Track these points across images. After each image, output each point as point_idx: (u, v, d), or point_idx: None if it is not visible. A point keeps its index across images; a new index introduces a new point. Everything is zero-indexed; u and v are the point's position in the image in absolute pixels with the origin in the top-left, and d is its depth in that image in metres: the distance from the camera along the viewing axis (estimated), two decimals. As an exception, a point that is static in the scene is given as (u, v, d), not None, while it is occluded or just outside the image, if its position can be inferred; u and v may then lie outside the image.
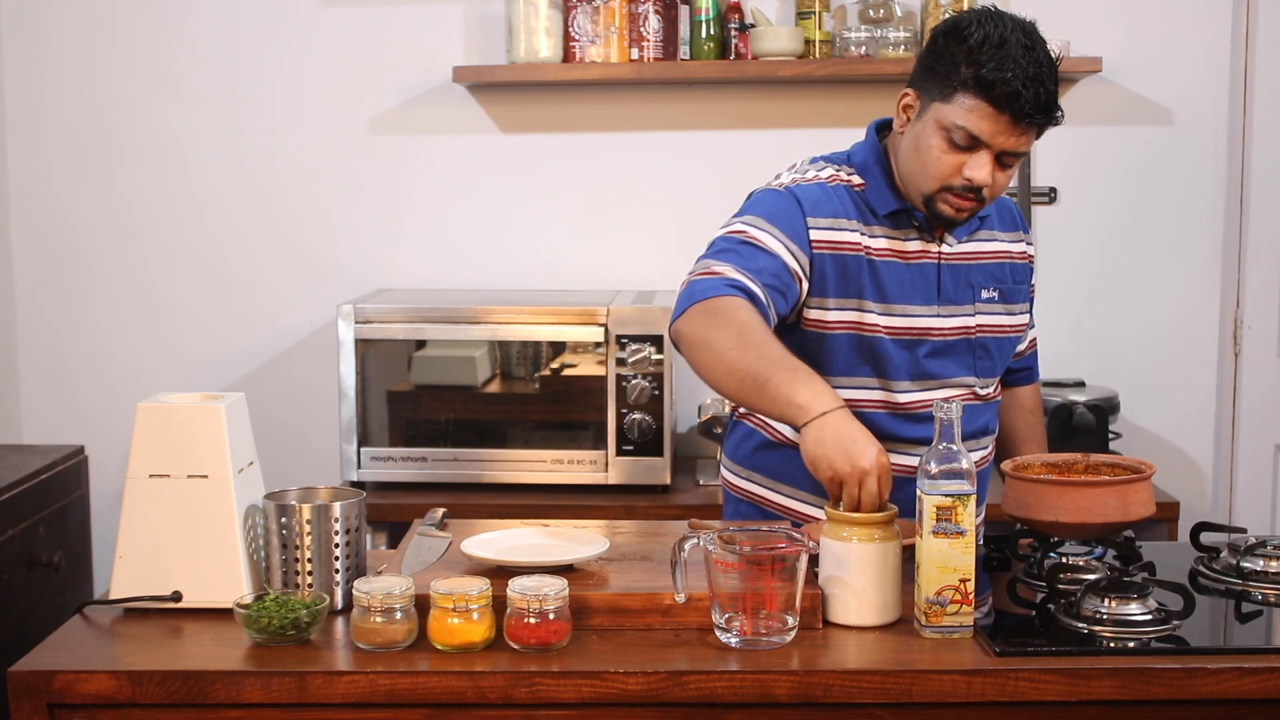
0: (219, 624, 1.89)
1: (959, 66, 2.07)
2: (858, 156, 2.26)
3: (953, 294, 2.24)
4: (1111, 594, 1.86)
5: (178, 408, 1.95)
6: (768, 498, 2.31)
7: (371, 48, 3.58)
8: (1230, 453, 3.57)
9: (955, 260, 2.25)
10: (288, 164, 3.62)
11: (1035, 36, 2.09)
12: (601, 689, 1.73)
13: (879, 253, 2.20)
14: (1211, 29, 3.50)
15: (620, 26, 3.43)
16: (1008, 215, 2.36)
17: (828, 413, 1.91)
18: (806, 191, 2.20)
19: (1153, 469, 2.03)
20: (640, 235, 3.60)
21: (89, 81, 3.61)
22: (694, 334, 2.04)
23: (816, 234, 2.16)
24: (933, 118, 2.11)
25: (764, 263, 2.11)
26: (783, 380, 1.95)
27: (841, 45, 3.44)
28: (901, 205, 2.21)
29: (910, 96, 2.17)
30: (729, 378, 2.00)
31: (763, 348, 1.99)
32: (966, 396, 2.26)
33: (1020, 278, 2.34)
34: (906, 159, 2.17)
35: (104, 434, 3.58)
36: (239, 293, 3.65)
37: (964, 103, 2.07)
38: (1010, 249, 2.33)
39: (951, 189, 2.12)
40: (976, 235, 2.28)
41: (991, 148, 2.09)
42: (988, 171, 2.10)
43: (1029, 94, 2.04)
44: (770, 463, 2.29)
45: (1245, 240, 3.51)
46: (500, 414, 3.30)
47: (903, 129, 2.19)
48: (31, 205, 3.64)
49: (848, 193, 2.22)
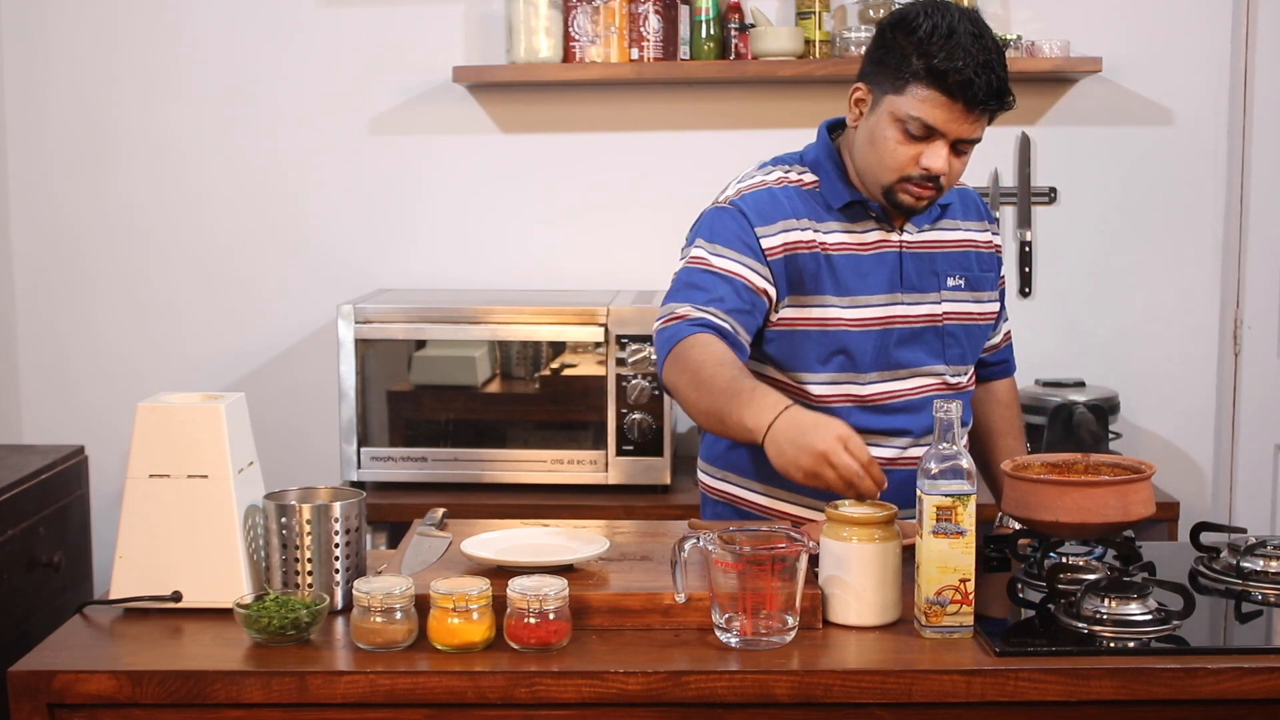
0: (219, 624, 1.89)
1: (909, 58, 2.10)
2: (810, 155, 2.29)
3: (916, 281, 2.25)
4: (1111, 594, 1.86)
5: (178, 408, 1.95)
6: (743, 496, 2.32)
7: (371, 48, 3.58)
8: (1230, 453, 3.57)
9: (917, 248, 2.26)
10: (288, 164, 3.62)
11: (981, 24, 2.12)
12: (601, 689, 1.73)
13: (835, 247, 2.21)
14: (1211, 29, 3.50)
15: (620, 26, 3.43)
16: (971, 205, 2.38)
17: (773, 422, 1.94)
18: (751, 201, 2.22)
19: (1153, 469, 2.03)
20: (640, 235, 3.60)
21: (89, 81, 3.61)
22: (671, 384, 2.12)
23: (767, 241, 2.18)
24: (886, 110, 2.13)
25: (722, 290, 2.14)
26: (730, 410, 2.00)
27: (841, 45, 3.44)
28: (855, 197, 2.23)
29: (861, 91, 2.19)
30: (702, 420, 2.11)
31: (711, 382, 2.04)
32: (938, 386, 2.27)
33: (987, 266, 2.35)
34: (863, 153, 2.19)
35: (104, 434, 3.58)
36: (239, 293, 3.65)
37: (917, 94, 2.10)
38: (975, 238, 2.34)
39: (910, 179, 2.15)
40: (939, 224, 2.30)
41: (947, 136, 2.12)
42: (944, 160, 2.13)
43: (981, 81, 2.07)
44: (743, 461, 2.30)
45: (1245, 240, 3.51)
46: (500, 414, 3.30)
47: (855, 123, 2.21)
48: (31, 205, 3.64)
49: (796, 193, 2.24)
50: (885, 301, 2.23)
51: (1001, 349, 2.50)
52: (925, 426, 2.23)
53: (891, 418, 2.24)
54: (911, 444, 2.26)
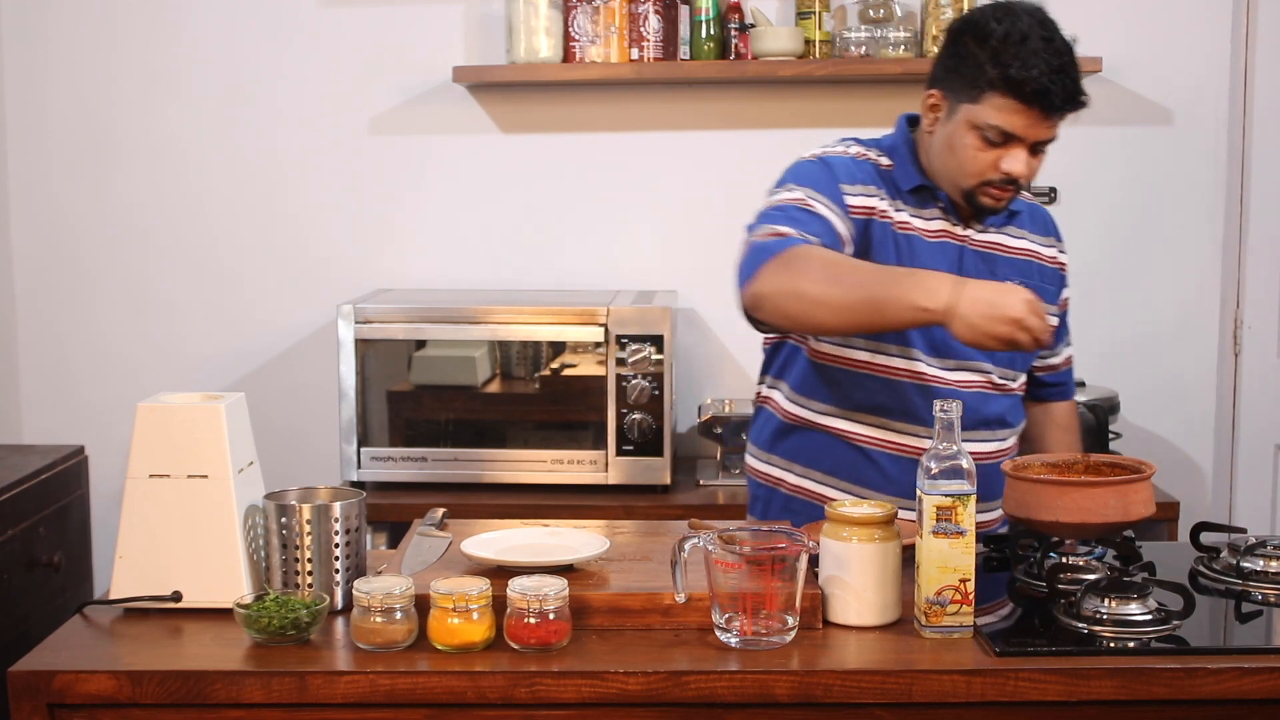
0: (219, 624, 1.89)
1: (984, 67, 2.11)
2: (886, 141, 2.32)
3: (974, 276, 2.25)
4: (1111, 594, 1.86)
5: (178, 408, 1.95)
6: (786, 480, 2.34)
7: (371, 48, 3.58)
8: (1230, 453, 3.57)
9: (980, 247, 2.29)
10: (288, 164, 3.62)
11: (1051, 25, 2.14)
12: (601, 689, 1.73)
13: (901, 225, 2.24)
14: (1211, 29, 3.50)
15: (620, 26, 3.43)
16: (1040, 220, 2.40)
17: (952, 298, 1.92)
18: (837, 161, 2.24)
19: (1153, 469, 2.03)
20: (640, 235, 3.60)
21: (89, 81, 3.61)
22: (778, 288, 2.03)
23: (850, 200, 2.20)
24: (963, 118, 2.15)
25: (817, 227, 2.14)
26: (892, 295, 1.96)
27: (841, 45, 3.44)
28: (925, 183, 2.25)
29: (935, 97, 2.21)
30: (839, 316, 2.01)
31: (855, 273, 2.03)
32: (983, 383, 2.28)
33: (1049, 280, 2.36)
34: (941, 158, 2.21)
35: (104, 434, 3.58)
36: (239, 293, 3.65)
37: (994, 102, 2.11)
38: (1040, 250, 2.36)
39: (991, 183, 2.18)
40: (1005, 229, 2.32)
41: (1025, 140, 2.14)
42: (1024, 163, 2.16)
43: (1057, 87, 2.09)
44: (787, 445, 2.33)
45: (1245, 240, 3.51)
46: (500, 414, 3.30)
47: (931, 128, 2.23)
48: (31, 205, 3.64)
49: (874, 168, 2.26)
50: None
51: (1061, 371, 2.50)
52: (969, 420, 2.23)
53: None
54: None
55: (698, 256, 3.58)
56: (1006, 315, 1.90)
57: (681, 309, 3.57)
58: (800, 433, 2.31)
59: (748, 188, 3.63)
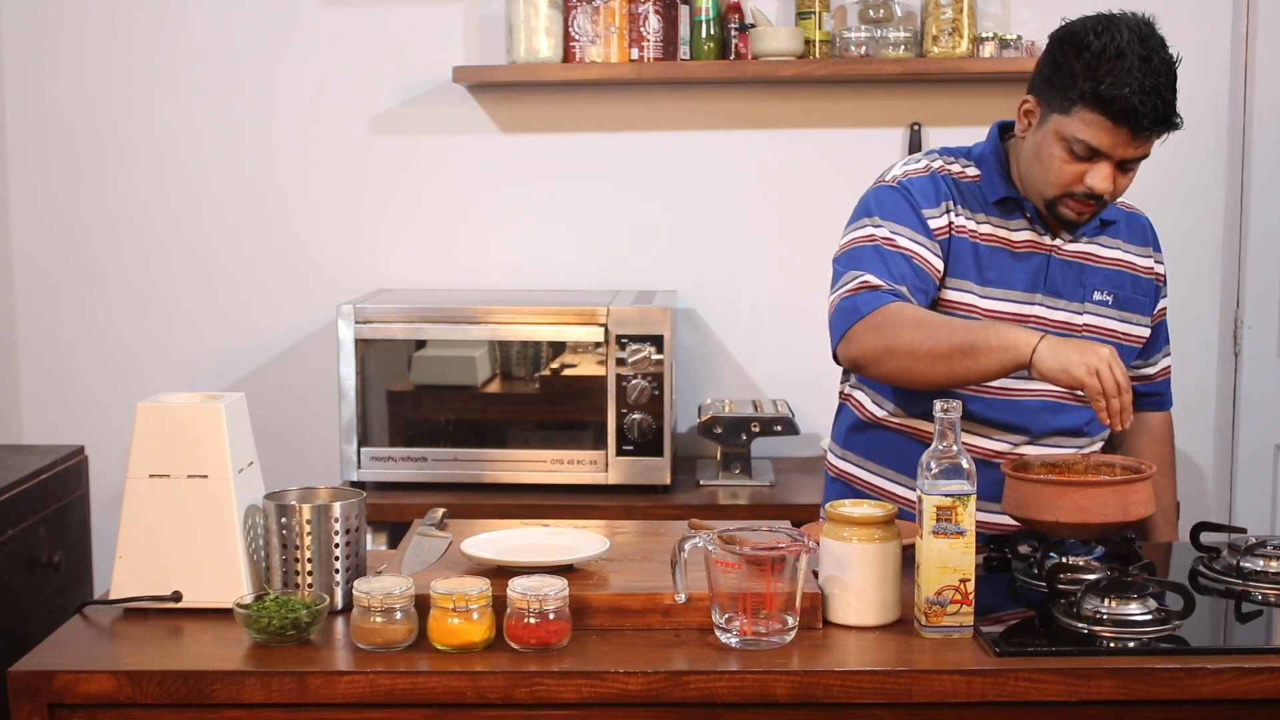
0: (219, 624, 1.89)
1: (1077, 80, 2.10)
2: (976, 150, 2.32)
3: (1060, 288, 2.26)
4: (1111, 594, 1.86)
5: (178, 408, 1.95)
6: (859, 476, 2.37)
7: (371, 48, 3.58)
8: (1230, 453, 3.57)
9: (1069, 257, 2.28)
10: (288, 164, 3.62)
11: (1152, 43, 2.11)
12: (601, 689, 1.73)
13: (985, 237, 2.24)
14: (1211, 29, 3.49)
15: (620, 26, 3.43)
16: (1139, 229, 2.39)
17: (1040, 340, 2.00)
18: (914, 184, 2.25)
19: (1153, 469, 2.03)
20: (640, 235, 3.60)
21: (89, 81, 3.61)
22: (875, 348, 2.10)
23: (934, 222, 2.22)
24: (1053, 128, 2.15)
25: (904, 267, 2.17)
26: (987, 338, 2.03)
27: (841, 45, 3.44)
28: (1012, 194, 2.25)
29: (1030, 103, 2.20)
30: (937, 366, 2.06)
31: (947, 327, 2.07)
32: (1062, 394, 2.26)
33: (1143, 291, 2.35)
34: (1028, 165, 2.22)
35: (104, 434, 3.58)
36: (239, 292, 3.65)
37: (1082, 116, 2.11)
38: (1135, 261, 2.35)
39: (1073, 195, 2.17)
40: (1097, 239, 2.31)
41: (1111, 157, 2.13)
42: (1108, 179, 2.14)
43: (1146, 109, 2.07)
44: (862, 442, 2.36)
45: (1245, 240, 3.51)
46: (500, 414, 3.30)
47: (1024, 134, 2.23)
48: (31, 205, 3.64)
49: (955, 182, 2.27)
50: (1023, 299, 2.25)
51: (1157, 381, 2.48)
52: (1043, 428, 2.26)
53: (1005, 412, 2.25)
54: (1026, 443, 2.26)
55: (698, 256, 3.58)
56: (1093, 353, 1.96)
57: (681, 309, 3.57)
58: (875, 431, 2.33)
59: (748, 187, 3.67)
